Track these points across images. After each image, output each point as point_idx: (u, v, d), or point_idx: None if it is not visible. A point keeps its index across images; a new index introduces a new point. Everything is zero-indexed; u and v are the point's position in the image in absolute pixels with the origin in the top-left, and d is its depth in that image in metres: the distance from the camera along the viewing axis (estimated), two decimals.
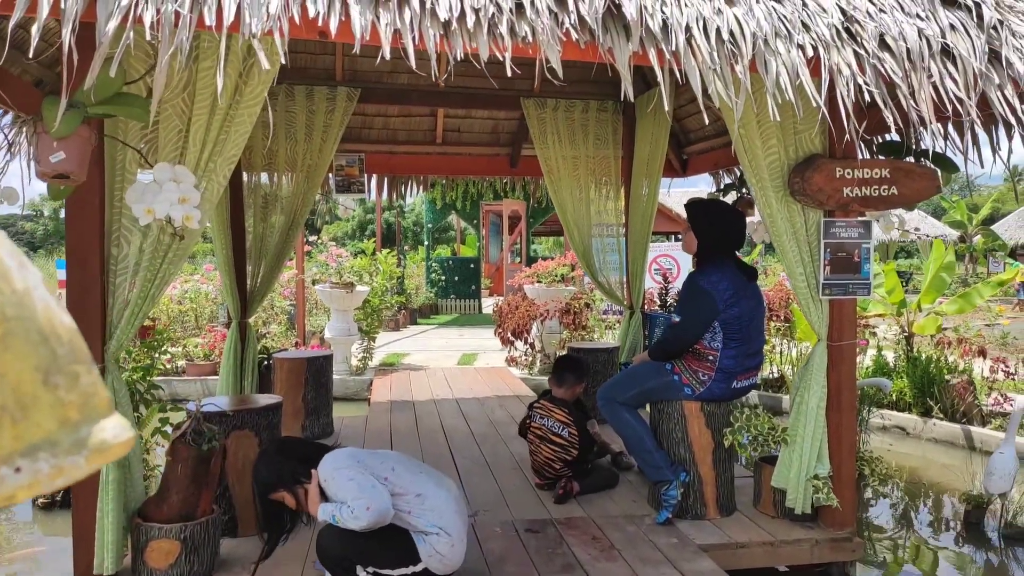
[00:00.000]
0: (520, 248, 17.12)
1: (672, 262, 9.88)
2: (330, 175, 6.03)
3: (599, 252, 6.01)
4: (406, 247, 23.28)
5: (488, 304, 17.09)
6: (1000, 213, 30.54)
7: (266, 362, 5.41)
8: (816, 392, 3.39)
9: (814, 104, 2.60)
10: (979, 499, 4.30)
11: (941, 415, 5.89)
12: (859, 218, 3.47)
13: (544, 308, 7.84)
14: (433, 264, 16.05)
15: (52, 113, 2.09)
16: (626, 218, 5.95)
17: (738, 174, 5.43)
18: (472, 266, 16.42)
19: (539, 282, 8.27)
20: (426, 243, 16.44)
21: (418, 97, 5.52)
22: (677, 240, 17.19)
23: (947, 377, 5.95)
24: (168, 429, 4.36)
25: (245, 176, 5.18)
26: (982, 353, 6.14)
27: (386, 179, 6.44)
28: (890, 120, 2.63)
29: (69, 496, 3.48)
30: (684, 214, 3.79)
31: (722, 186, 5.63)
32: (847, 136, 2.73)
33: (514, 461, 4.45)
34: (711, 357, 3.54)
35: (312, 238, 11.02)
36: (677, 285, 8.08)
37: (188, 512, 2.83)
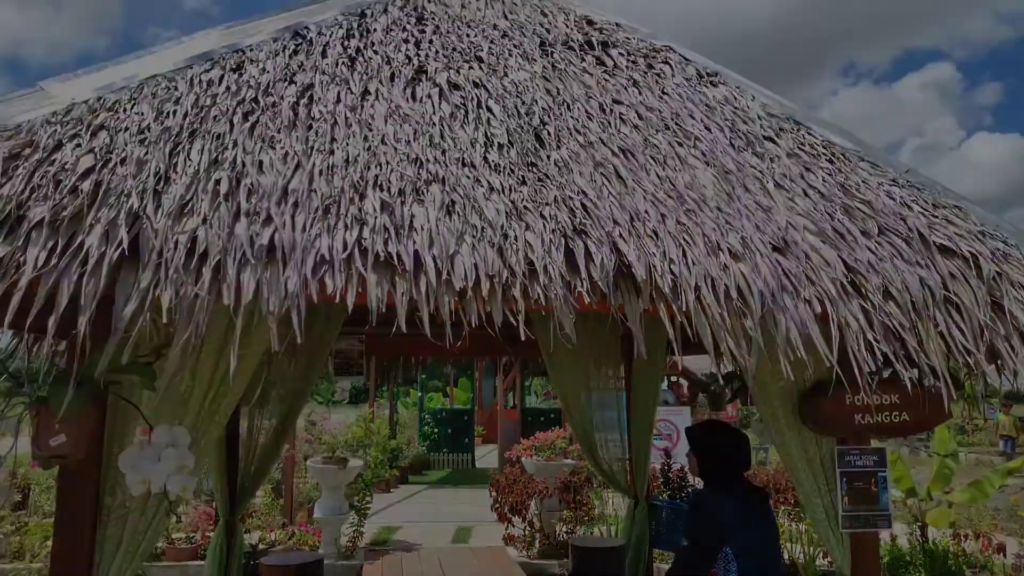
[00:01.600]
0: (514, 392, 16.93)
1: (671, 427, 9.70)
2: (329, 357, 6.01)
3: (597, 411, 5.78)
4: (399, 380, 22.96)
5: (481, 454, 16.61)
6: None
7: (252, 562, 5.12)
8: None
9: (827, 364, 2.59)
10: None
11: None
12: (874, 446, 3.41)
13: (543, 484, 7.58)
14: (426, 416, 15.76)
15: (59, 399, 2.04)
16: (628, 403, 5.86)
17: None
18: (465, 418, 16.13)
19: (537, 455, 8.06)
20: (420, 395, 16.24)
21: None
22: (671, 391, 17.05)
23: (967, 572, 5.67)
24: None
25: None
26: (1001, 550, 5.91)
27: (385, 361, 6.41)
28: (905, 377, 2.63)
29: None
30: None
31: (723, 372, 5.60)
32: (860, 384, 2.71)
33: None
34: None
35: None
36: (677, 453, 7.88)
37: None
